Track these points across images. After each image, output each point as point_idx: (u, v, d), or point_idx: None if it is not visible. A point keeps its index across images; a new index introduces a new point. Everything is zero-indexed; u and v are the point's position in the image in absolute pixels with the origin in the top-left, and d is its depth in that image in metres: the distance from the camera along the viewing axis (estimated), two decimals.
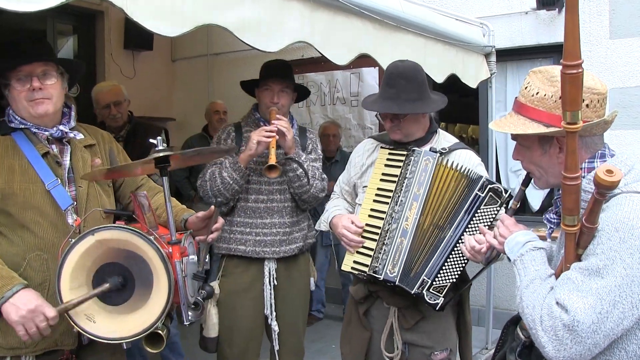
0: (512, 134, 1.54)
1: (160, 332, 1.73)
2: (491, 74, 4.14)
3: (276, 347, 2.80)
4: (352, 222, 2.26)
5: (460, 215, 2.12)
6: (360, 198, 2.37)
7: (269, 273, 2.73)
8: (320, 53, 2.58)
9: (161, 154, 1.76)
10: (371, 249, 2.22)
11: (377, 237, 2.22)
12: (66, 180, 1.88)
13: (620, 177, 1.22)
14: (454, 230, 2.11)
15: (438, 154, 2.23)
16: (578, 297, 1.27)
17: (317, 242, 5.04)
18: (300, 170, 2.65)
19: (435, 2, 4.62)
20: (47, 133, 1.88)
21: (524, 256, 1.46)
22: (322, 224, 2.48)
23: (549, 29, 4.50)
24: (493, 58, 4.12)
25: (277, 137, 2.57)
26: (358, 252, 2.26)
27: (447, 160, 2.23)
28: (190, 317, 1.77)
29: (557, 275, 1.39)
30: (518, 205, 1.73)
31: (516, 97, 1.56)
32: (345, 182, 2.52)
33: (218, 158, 2.64)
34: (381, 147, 2.36)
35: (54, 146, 1.90)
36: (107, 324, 1.70)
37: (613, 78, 4.26)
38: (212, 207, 1.99)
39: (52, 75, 1.84)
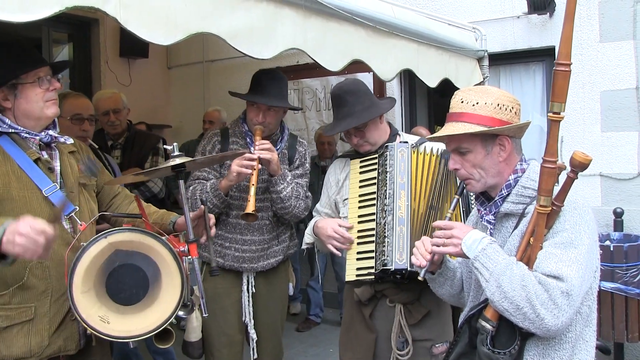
0: (452, 142, 1.67)
1: (170, 328, 1.80)
2: (484, 78, 4.17)
3: (254, 356, 2.77)
4: (340, 225, 2.34)
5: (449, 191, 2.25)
6: (344, 211, 2.43)
7: (247, 282, 2.72)
8: (313, 60, 2.61)
9: (177, 161, 1.86)
10: (371, 251, 2.27)
11: (373, 238, 2.28)
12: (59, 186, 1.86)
13: (591, 158, 1.44)
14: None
15: (410, 144, 2.33)
16: (565, 266, 1.44)
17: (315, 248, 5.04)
18: (285, 193, 2.58)
19: (427, 8, 4.67)
20: (37, 138, 1.84)
21: (486, 249, 1.53)
22: (306, 238, 2.52)
23: (540, 32, 4.54)
24: (486, 62, 4.16)
25: (259, 167, 2.46)
26: (358, 259, 2.31)
27: (418, 147, 2.34)
28: (182, 314, 1.86)
29: (519, 260, 1.52)
30: (453, 214, 1.81)
31: (450, 112, 1.69)
32: (324, 205, 2.55)
33: (205, 168, 2.64)
34: (351, 159, 2.47)
35: (44, 152, 1.87)
36: (121, 324, 1.74)
37: (603, 81, 4.30)
38: (202, 206, 2.01)
39: (55, 78, 1.87)
